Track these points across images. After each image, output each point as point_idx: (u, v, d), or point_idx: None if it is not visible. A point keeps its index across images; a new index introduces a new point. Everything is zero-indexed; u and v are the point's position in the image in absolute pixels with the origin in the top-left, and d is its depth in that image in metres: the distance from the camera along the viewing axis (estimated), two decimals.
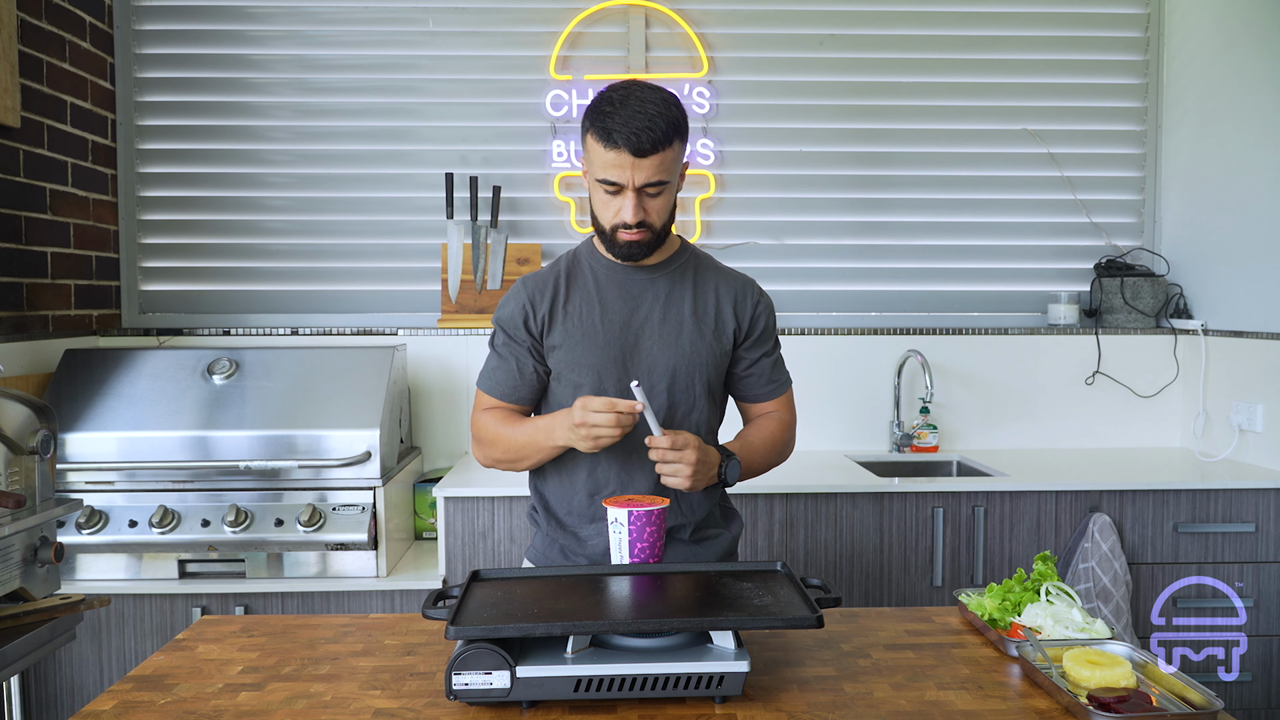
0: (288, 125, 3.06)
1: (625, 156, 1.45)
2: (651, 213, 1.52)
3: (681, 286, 1.63)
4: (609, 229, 1.54)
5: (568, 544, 1.66)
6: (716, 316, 1.64)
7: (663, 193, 1.52)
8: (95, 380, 2.51)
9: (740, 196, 3.11)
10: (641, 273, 1.63)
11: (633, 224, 1.51)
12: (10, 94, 2.43)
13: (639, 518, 1.43)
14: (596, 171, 1.50)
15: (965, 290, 3.18)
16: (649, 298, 1.62)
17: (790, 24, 3.11)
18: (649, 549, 1.44)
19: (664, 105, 1.47)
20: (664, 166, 1.48)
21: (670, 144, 1.47)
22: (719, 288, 1.66)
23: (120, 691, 1.26)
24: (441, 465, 2.99)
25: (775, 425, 1.70)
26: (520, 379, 1.63)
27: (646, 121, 1.44)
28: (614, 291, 1.62)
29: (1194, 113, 3.02)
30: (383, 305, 3.09)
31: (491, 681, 1.17)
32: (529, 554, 1.75)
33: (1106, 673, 1.21)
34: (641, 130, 1.44)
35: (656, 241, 1.57)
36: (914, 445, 3.02)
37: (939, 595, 2.52)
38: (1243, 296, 2.82)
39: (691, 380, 1.61)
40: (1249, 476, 2.60)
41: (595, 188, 1.53)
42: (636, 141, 1.44)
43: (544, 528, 1.70)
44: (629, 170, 1.46)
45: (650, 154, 1.45)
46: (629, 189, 1.48)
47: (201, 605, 2.35)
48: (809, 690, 1.25)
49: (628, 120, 1.44)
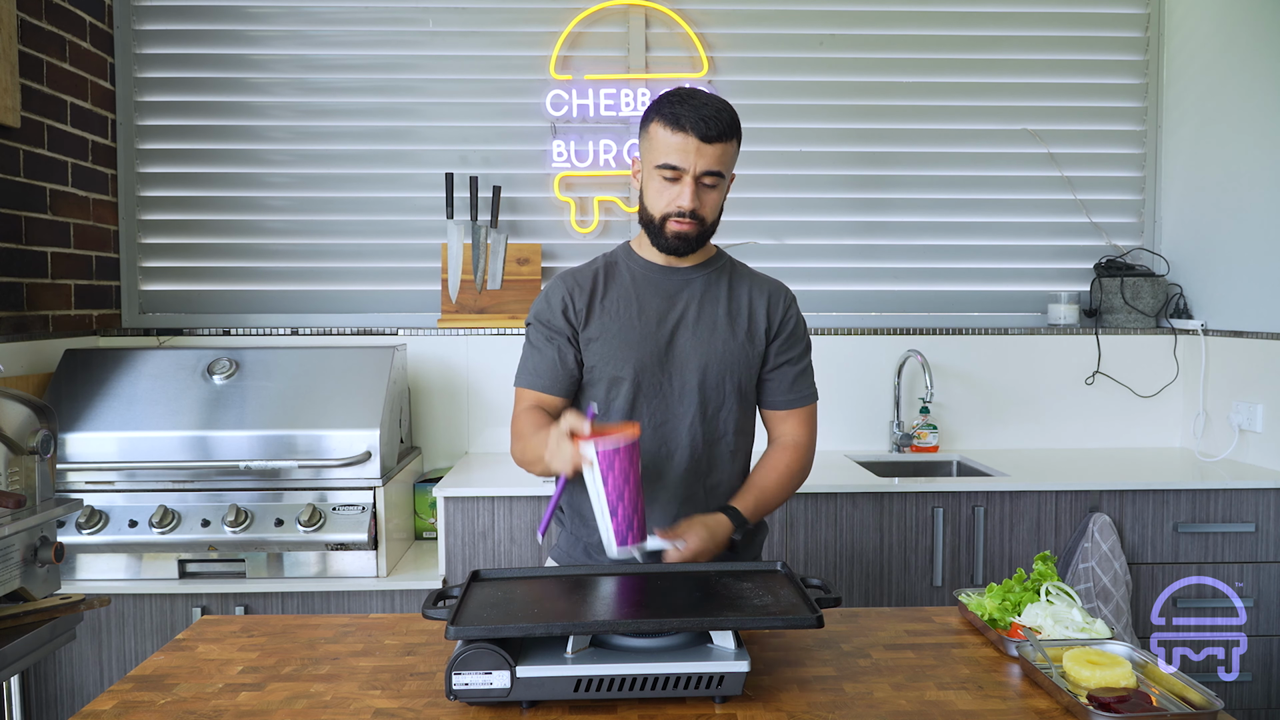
0: (288, 125, 3.06)
1: (691, 141, 1.51)
2: (705, 205, 1.56)
3: (717, 287, 1.67)
4: (660, 218, 1.57)
5: (591, 541, 1.67)
6: (750, 318, 1.67)
7: (717, 187, 1.57)
8: (95, 380, 2.51)
9: (740, 196, 3.11)
10: (678, 274, 1.66)
11: (688, 210, 1.54)
12: (10, 94, 2.43)
13: (606, 455, 1.38)
14: (658, 157, 1.54)
15: (965, 290, 3.18)
16: (684, 296, 1.65)
17: (790, 24, 3.11)
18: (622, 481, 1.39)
19: (727, 105, 1.57)
20: (723, 159, 1.54)
21: (731, 139, 1.55)
22: (753, 290, 1.69)
23: (120, 691, 1.26)
24: (441, 465, 2.99)
25: (788, 457, 1.70)
26: (561, 368, 1.64)
27: (714, 111, 1.53)
28: (650, 289, 1.65)
29: (1194, 113, 3.02)
30: (383, 305, 3.09)
31: (491, 681, 1.17)
32: (553, 553, 1.77)
33: (1106, 673, 1.21)
34: (710, 118, 1.51)
35: (702, 239, 1.60)
36: (914, 445, 3.02)
37: (939, 595, 2.52)
38: (1243, 296, 2.82)
39: (722, 379, 1.64)
40: (1249, 476, 2.60)
41: (652, 177, 1.57)
42: (704, 127, 1.51)
43: (569, 526, 1.72)
44: (693, 155, 1.52)
45: (715, 141, 1.52)
46: (689, 175, 1.53)
47: (201, 605, 2.35)
48: (809, 690, 1.25)
49: (697, 109, 1.52)
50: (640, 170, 1.61)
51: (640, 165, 1.62)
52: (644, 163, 1.59)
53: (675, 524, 1.56)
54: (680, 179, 1.54)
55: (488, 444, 3.00)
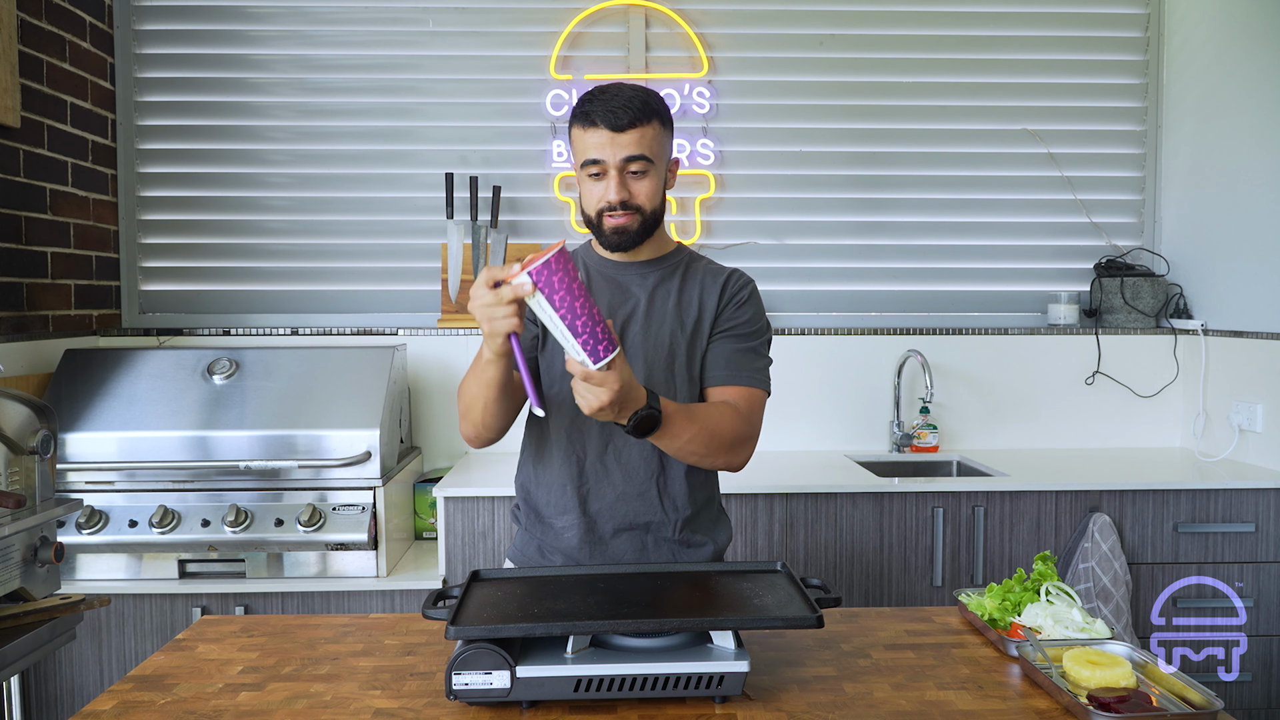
0: (288, 125, 3.06)
1: (604, 134, 1.51)
2: (638, 194, 1.55)
3: (670, 282, 1.64)
4: (595, 216, 1.57)
5: (544, 539, 1.65)
6: (700, 307, 1.63)
7: (648, 174, 1.54)
8: (95, 380, 2.51)
9: (740, 196, 3.11)
10: (634, 269, 1.64)
11: (616, 202, 1.53)
12: (10, 94, 2.43)
13: (542, 273, 1.24)
14: (580, 156, 1.55)
15: (965, 290, 3.18)
16: (636, 292, 1.63)
17: (790, 24, 3.11)
18: (568, 296, 1.25)
19: (640, 90, 1.55)
20: (644, 143, 1.52)
21: (648, 122, 1.52)
22: (705, 280, 1.65)
23: (120, 691, 1.26)
24: (441, 465, 2.99)
25: (726, 410, 1.55)
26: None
27: (623, 101, 1.51)
28: (604, 284, 1.64)
29: (1194, 113, 3.02)
30: (383, 305, 3.09)
31: (491, 681, 1.17)
32: (510, 553, 1.75)
33: (1106, 673, 1.21)
34: (618, 108, 1.50)
35: (645, 229, 1.57)
36: (914, 445, 3.02)
37: (939, 595, 2.52)
38: (1243, 296, 2.82)
39: (670, 372, 1.60)
40: (1249, 476, 2.60)
41: (582, 179, 1.57)
42: (613, 118, 1.50)
43: (524, 523, 1.70)
44: (609, 147, 1.51)
45: (628, 129, 1.50)
46: (611, 167, 1.52)
47: (201, 605, 2.35)
48: (809, 690, 1.25)
49: (605, 102, 1.52)
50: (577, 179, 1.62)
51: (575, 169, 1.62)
52: (575, 167, 1.60)
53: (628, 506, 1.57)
54: (604, 174, 1.53)
55: None
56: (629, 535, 1.60)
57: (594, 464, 1.60)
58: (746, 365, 1.61)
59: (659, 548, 1.62)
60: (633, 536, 1.60)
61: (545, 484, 1.64)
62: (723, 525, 1.71)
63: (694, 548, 1.64)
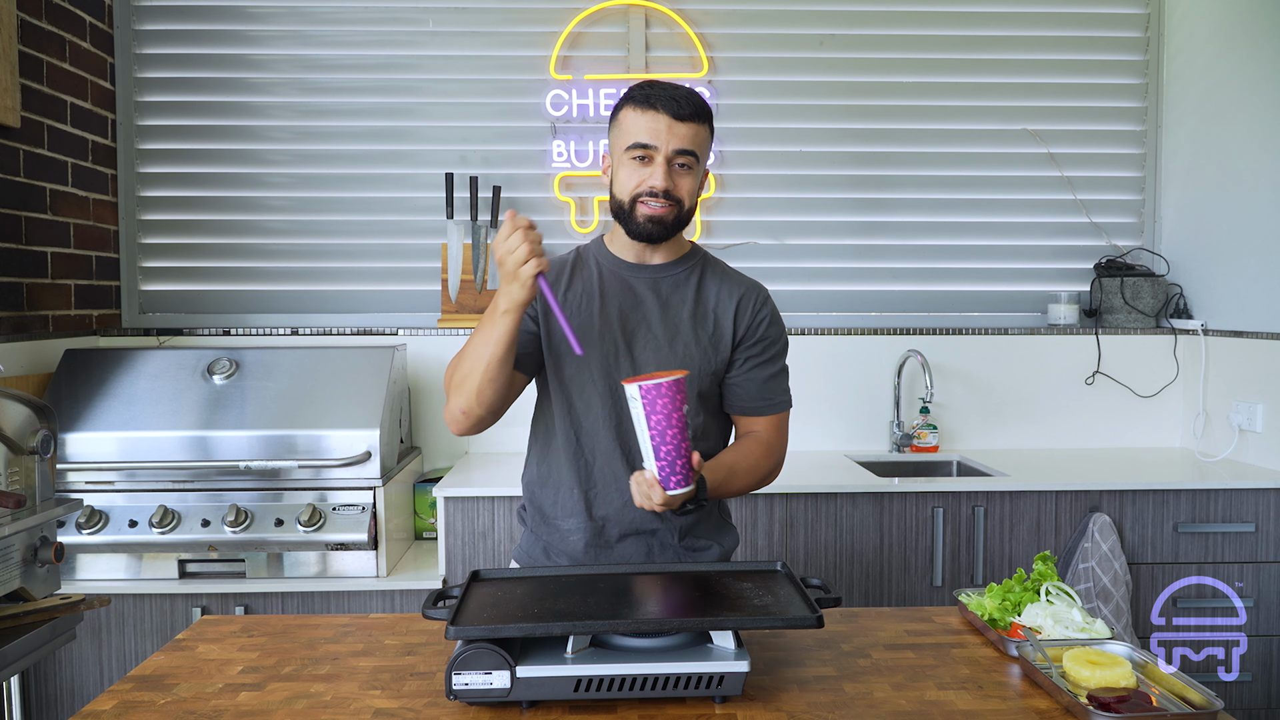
0: (288, 125, 3.06)
1: (663, 119, 1.49)
2: (680, 188, 1.53)
3: (684, 289, 1.61)
4: (630, 199, 1.53)
5: (550, 540, 1.64)
6: (716, 321, 1.60)
7: (692, 171, 1.54)
8: (95, 380, 2.51)
9: (740, 196, 3.11)
10: (647, 272, 1.61)
11: (660, 190, 1.51)
12: (10, 94, 2.43)
13: (649, 390, 1.35)
14: (628, 138, 1.51)
15: (965, 290, 3.18)
16: (649, 297, 1.59)
17: (790, 24, 3.11)
18: (664, 421, 1.36)
19: (697, 92, 1.57)
20: (695, 140, 1.52)
21: (704, 121, 1.54)
22: (722, 291, 1.62)
23: (120, 691, 1.26)
24: (441, 465, 2.99)
25: (758, 449, 1.61)
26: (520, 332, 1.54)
27: (685, 93, 1.53)
28: (615, 286, 1.60)
29: (1194, 113, 3.02)
30: (383, 305, 3.09)
31: (491, 681, 1.17)
32: (515, 554, 1.75)
33: (1106, 673, 1.21)
34: (681, 98, 1.51)
35: (678, 223, 1.56)
36: (914, 445, 3.02)
37: (939, 595, 2.52)
38: (1243, 296, 2.82)
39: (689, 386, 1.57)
40: (1249, 476, 2.60)
41: (623, 162, 1.53)
42: (676, 106, 1.50)
43: (530, 524, 1.69)
44: (665, 134, 1.50)
45: (688, 120, 1.50)
46: (661, 153, 1.50)
47: (201, 605, 2.35)
48: (809, 690, 1.25)
49: (668, 90, 1.52)
50: (609, 165, 1.58)
51: (609, 160, 1.59)
52: (613, 152, 1.56)
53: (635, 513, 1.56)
54: (652, 159, 1.51)
55: (488, 444, 3.00)
56: (635, 540, 1.60)
57: (602, 468, 1.59)
58: (777, 391, 1.65)
59: (664, 553, 1.62)
60: (638, 541, 1.61)
61: (552, 485, 1.63)
62: (728, 531, 1.71)
63: (699, 552, 1.64)
